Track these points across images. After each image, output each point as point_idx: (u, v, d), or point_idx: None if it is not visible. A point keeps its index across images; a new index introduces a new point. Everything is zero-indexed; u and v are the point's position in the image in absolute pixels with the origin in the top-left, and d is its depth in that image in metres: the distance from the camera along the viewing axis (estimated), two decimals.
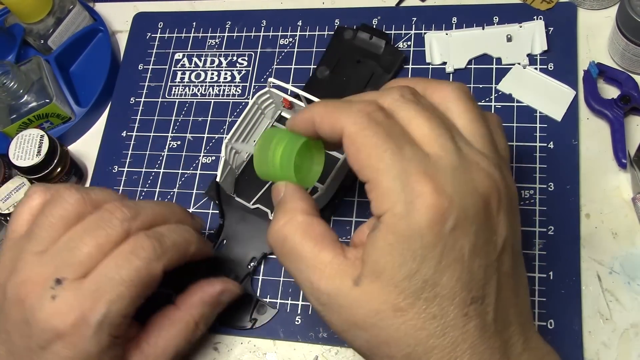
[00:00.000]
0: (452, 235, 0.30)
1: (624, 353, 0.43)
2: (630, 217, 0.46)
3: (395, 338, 0.30)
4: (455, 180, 0.30)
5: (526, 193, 0.48)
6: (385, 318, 0.30)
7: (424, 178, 0.30)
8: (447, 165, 0.30)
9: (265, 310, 0.47)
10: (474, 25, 0.55)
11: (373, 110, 0.32)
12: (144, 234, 0.38)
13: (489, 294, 0.31)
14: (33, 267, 0.37)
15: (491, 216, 0.31)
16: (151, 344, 0.40)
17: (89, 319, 0.36)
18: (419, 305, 0.30)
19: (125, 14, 0.64)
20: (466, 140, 0.32)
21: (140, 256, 0.37)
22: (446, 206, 0.29)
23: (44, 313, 0.36)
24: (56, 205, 0.39)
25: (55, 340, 0.36)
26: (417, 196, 0.29)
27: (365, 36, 0.54)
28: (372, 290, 0.31)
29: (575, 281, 0.45)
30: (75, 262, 0.37)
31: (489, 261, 0.31)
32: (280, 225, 0.34)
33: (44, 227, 0.38)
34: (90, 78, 0.61)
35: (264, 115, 0.52)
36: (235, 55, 0.59)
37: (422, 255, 0.30)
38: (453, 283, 0.30)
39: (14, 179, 0.50)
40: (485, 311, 0.30)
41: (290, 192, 0.36)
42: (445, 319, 0.30)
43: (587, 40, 0.53)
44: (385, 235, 0.30)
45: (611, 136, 0.49)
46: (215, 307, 0.43)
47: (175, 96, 0.58)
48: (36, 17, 0.59)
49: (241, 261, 0.49)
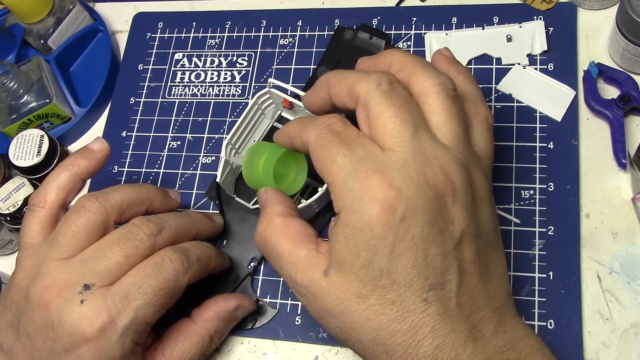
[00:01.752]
0: (403, 225, 0.32)
1: (624, 353, 0.43)
2: (630, 217, 0.46)
3: (360, 323, 0.33)
4: (404, 172, 0.32)
5: (526, 193, 0.48)
6: (350, 305, 0.33)
7: (373, 173, 0.32)
8: (398, 160, 0.33)
9: (265, 310, 0.47)
10: (474, 25, 0.55)
11: (334, 122, 0.35)
12: (172, 248, 0.40)
13: (449, 280, 0.32)
14: (59, 273, 0.38)
15: (445, 208, 0.33)
16: (167, 355, 0.41)
17: (117, 323, 0.37)
18: (378, 292, 0.32)
19: (125, 14, 0.64)
20: (433, 136, 0.34)
21: (169, 267, 0.39)
22: (393, 197, 0.32)
23: (72, 317, 0.37)
24: (79, 215, 0.40)
25: (80, 344, 0.37)
26: (366, 190, 0.32)
27: (365, 36, 0.54)
28: (337, 279, 0.34)
29: (575, 281, 0.45)
30: (103, 270, 0.38)
31: (446, 250, 0.32)
32: (262, 229, 0.38)
33: (67, 236, 0.40)
34: (90, 78, 0.61)
35: (264, 115, 0.52)
36: (235, 56, 0.59)
37: (374, 245, 0.32)
38: (408, 270, 0.32)
39: (14, 179, 0.50)
40: (447, 297, 0.32)
41: (269, 197, 0.40)
42: (404, 304, 0.32)
43: (587, 40, 0.53)
44: (342, 229, 0.33)
45: (611, 136, 0.49)
46: (229, 322, 0.45)
47: (175, 96, 0.58)
48: (36, 17, 0.59)
49: (241, 261, 0.49)
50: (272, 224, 0.37)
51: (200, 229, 0.45)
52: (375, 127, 0.34)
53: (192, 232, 0.44)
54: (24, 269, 0.40)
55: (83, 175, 0.44)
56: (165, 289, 0.38)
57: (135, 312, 0.37)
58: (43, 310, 0.38)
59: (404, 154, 0.33)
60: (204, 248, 0.43)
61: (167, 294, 0.39)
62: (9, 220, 0.49)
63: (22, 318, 0.39)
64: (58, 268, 0.39)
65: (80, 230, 0.40)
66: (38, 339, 0.38)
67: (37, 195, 0.42)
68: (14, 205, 0.49)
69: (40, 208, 0.42)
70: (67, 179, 0.43)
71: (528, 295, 0.45)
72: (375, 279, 0.32)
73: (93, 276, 0.38)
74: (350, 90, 0.36)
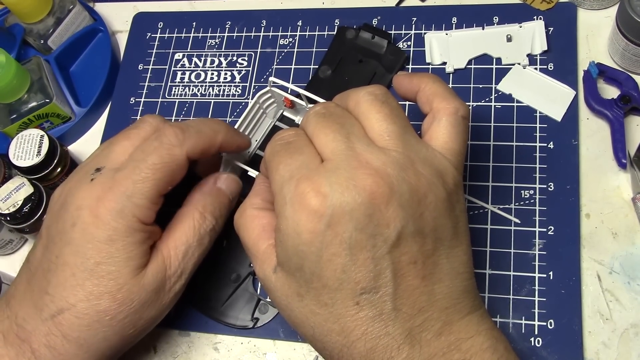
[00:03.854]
0: (329, 231, 0.32)
1: (624, 353, 0.43)
2: (630, 217, 0.46)
3: (301, 320, 0.35)
4: (333, 179, 0.33)
5: (526, 193, 0.48)
6: (292, 302, 0.35)
7: (304, 181, 0.33)
8: (330, 168, 0.33)
9: (267, 309, 0.48)
10: (474, 25, 0.55)
11: (288, 134, 0.37)
12: (169, 124, 0.42)
13: (383, 284, 0.33)
14: (79, 168, 0.42)
15: (377, 210, 0.32)
16: (163, 242, 0.41)
17: (116, 194, 0.38)
18: (312, 293, 0.34)
19: (125, 14, 0.64)
20: (367, 141, 0.34)
21: (163, 142, 0.40)
22: (319, 204, 0.32)
23: (80, 193, 0.39)
24: (150, 143, 0.41)
25: (85, 216, 0.38)
26: (296, 197, 0.33)
27: (367, 36, 0.54)
28: (282, 277, 0.35)
29: (575, 281, 0.45)
30: (111, 155, 0.41)
31: (378, 254, 0.32)
32: (236, 216, 0.40)
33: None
34: (90, 78, 0.61)
35: (266, 114, 0.52)
36: (235, 55, 0.59)
37: (302, 251, 0.33)
38: (338, 275, 0.33)
39: (14, 179, 0.50)
40: (381, 300, 0.33)
41: (254, 186, 0.42)
42: (336, 307, 0.33)
43: (587, 40, 0.53)
44: (277, 233, 0.35)
45: (611, 136, 0.49)
46: (217, 196, 0.44)
47: (175, 96, 0.58)
48: (36, 17, 0.59)
49: (243, 260, 0.49)
50: (244, 214, 0.39)
51: (225, 137, 0.43)
52: (315, 142, 0.35)
53: (215, 139, 0.43)
54: None
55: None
56: (159, 163, 0.39)
57: (133, 185, 0.38)
58: (60, 198, 0.40)
59: (336, 161, 0.33)
60: (209, 122, 0.43)
61: (163, 167, 0.39)
62: (9, 220, 0.49)
63: (46, 215, 0.41)
64: (81, 166, 0.42)
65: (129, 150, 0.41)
66: (53, 225, 0.40)
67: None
68: (14, 205, 0.49)
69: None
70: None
71: (528, 295, 0.45)
72: (308, 282, 0.34)
73: (104, 161, 0.40)
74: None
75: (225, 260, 0.49)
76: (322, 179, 0.33)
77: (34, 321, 0.38)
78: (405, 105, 0.53)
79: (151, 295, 0.39)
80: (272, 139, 0.38)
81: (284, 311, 0.36)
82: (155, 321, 0.41)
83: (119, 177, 0.39)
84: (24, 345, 0.38)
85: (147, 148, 0.40)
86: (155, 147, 0.40)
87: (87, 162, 0.42)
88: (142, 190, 0.39)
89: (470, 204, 0.48)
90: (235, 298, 0.48)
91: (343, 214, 0.32)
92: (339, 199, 0.32)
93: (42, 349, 0.38)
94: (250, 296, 0.48)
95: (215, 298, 0.48)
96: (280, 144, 0.36)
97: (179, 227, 0.41)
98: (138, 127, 0.42)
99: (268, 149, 0.37)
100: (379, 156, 0.33)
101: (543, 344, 0.43)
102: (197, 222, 0.42)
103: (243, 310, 0.48)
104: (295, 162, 0.34)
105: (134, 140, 0.41)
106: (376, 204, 0.32)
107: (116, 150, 0.41)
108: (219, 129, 0.43)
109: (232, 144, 0.44)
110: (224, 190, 0.44)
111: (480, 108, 0.52)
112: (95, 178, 0.39)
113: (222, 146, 0.43)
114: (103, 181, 0.39)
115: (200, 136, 0.41)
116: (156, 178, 0.39)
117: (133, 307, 0.39)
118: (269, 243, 0.37)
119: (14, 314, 0.39)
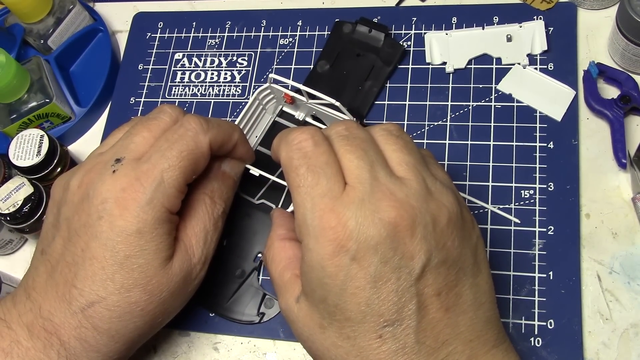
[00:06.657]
0: (354, 265, 0.32)
1: (624, 353, 0.43)
2: (630, 217, 0.46)
3: (322, 351, 0.35)
4: (359, 212, 0.32)
5: (526, 193, 0.48)
6: (314, 333, 0.35)
7: (329, 213, 0.33)
8: (355, 197, 0.33)
9: (272, 304, 0.48)
10: (474, 25, 0.55)
11: (304, 140, 0.36)
12: (189, 114, 0.41)
13: (407, 317, 0.32)
14: (94, 158, 0.41)
15: (402, 243, 0.32)
16: (182, 231, 0.41)
17: (145, 187, 0.38)
18: (335, 326, 0.34)
19: (125, 14, 0.64)
20: (389, 171, 0.34)
21: (188, 129, 0.40)
22: (345, 238, 0.32)
23: (104, 185, 0.38)
24: (173, 132, 0.40)
25: (112, 209, 0.37)
26: (321, 230, 0.33)
27: (364, 29, 0.55)
28: (305, 308, 0.35)
29: (575, 281, 0.45)
30: (131, 146, 0.40)
31: (402, 286, 0.32)
32: (265, 251, 0.41)
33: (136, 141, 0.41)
34: (90, 78, 0.61)
35: (266, 110, 0.53)
36: (235, 55, 0.59)
37: (326, 284, 0.33)
38: (362, 308, 0.33)
39: (14, 179, 0.50)
40: (405, 334, 0.32)
41: (274, 219, 0.42)
42: (358, 340, 0.33)
43: (587, 40, 0.53)
44: (302, 264, 0.35)
45: (611, 136, 0.49)
46: (223, 180, 0.44)
47: (175, 96, 0.58)
48: (36, 17, 0.59)
49: (247, 256, 0.49)
50: (272, 247, 0.40)
51: (240, 136, 0.44)
52: (341, 161, 0.35)
53: (233, 135, 0.43)
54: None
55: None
56: (185, 151, 0.39)
57: (162, 175, 0.38)
58: (80, 189, 0.39)
59: (361, 191, 0.33)
60: (227, 122, 0.43)
61: (189, 155, 0.39)
62: (9, 220, 0.49)
63: (63, 207, 0.40)
64: (94, 156, 0.41)
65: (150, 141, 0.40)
66: (75, 217, 0.39)
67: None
68: (14, 205, 0.49)
69: None
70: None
71: (528, 295, 0.45)
72: (331, 314, 0.34)
73: (123, 152, 0.39)
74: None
75: (228, 257, 0.49)
76: (348, 212, 0.32)
77: (62, 314, 0.38)
78: (405, 110, 0.53)
79: (179, 285, 0.40)
80: (284, 139, 0.37)
81: (306, 342, 0.36)
82: (181, 307, 0.42)
83: (145, 168, 0.38)
84: (52, 338, 0.38)
85: (172, 137, 0.39)
86: (181, 134, 0.39)
87: (102, 152, 0.41)
88: (171, 178, 0.38)
89: (470, 204, 0.48)
90: (241, 294, 0.48)
91: (368, 248, 0.32)
92: (364, 233, 0.32)
93: (72, 341, 0.38)
94: (255, 291, 0.48)
95: (221, 294, 0.48)
96: (297, 153, 0.35)
97: (194, 215, 0.41)
98: (157, 119, 0.41)
99: (283, 153, 0.36)
100: (401, 188, 0.33)
101: (543, 344, 0.43)
102: (209, 207, 0.42)
103: (249, 305, 0.48)
104: (319, 189, 0.34)
105: (154, 131, 0.40)
106: (400, 236, 0.32)
107: (136, 141, 0.40)
108: (236, 127, 0.44)
109: (244, 146, 0.45)
110: (229, 172, 0.45)
111: (480, 108, 0.52)
112: (117, 169, 0.38)
113: (236, 145, 0.43)
114: (127, 172, 0.38)
115: (220, 128, 0.41)
116: (183, 166, 0.39)
117: (162, 297, 0.39)
118: (293, 273, 0.37)
119: (37, 307, 0.38)
